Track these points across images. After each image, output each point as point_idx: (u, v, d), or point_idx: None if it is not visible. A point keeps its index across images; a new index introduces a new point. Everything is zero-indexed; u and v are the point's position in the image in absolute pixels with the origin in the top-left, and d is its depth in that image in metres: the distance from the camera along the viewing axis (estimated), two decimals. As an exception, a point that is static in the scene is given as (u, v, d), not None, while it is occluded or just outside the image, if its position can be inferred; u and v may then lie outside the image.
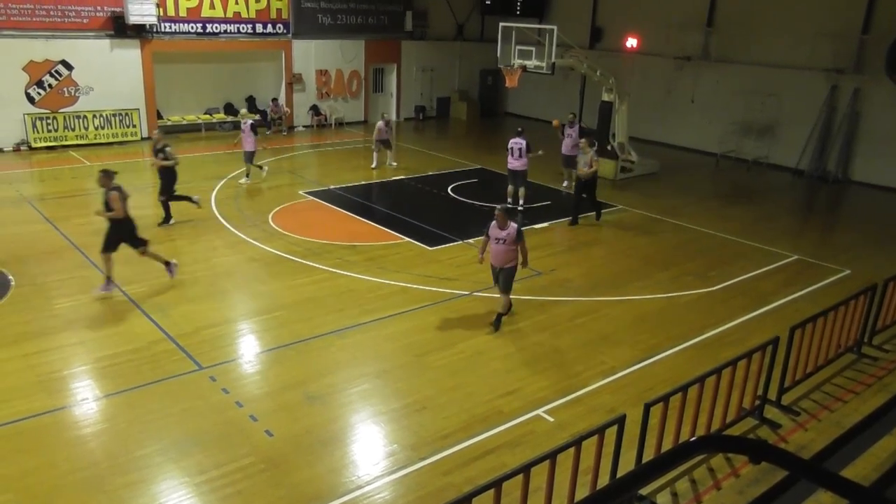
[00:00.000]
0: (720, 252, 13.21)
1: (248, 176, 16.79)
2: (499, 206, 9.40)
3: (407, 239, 13.19)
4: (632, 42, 22.53)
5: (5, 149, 18.99)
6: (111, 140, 20.42)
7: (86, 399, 7.70)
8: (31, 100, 19.23)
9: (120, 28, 19.88)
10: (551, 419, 7.54)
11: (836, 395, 8.00)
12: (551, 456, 5.17)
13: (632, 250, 13.16)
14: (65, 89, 19.66)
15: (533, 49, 17.47)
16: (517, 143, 14.86)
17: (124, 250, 10.43)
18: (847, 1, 18.60)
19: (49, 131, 19.50)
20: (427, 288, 10.96)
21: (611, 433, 5.69)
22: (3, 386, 7.78)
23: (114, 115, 20.44)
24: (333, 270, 11.48)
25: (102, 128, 20.34)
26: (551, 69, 17.42)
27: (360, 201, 15.69)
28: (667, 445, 6.25)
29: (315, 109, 24.62)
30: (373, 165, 18.76)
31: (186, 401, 7.66)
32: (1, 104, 18.63)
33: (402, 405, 7.75)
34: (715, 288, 11.38)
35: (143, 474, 6.47)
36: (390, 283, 11.11)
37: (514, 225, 9.19)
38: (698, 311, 10.51)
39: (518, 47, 17.61)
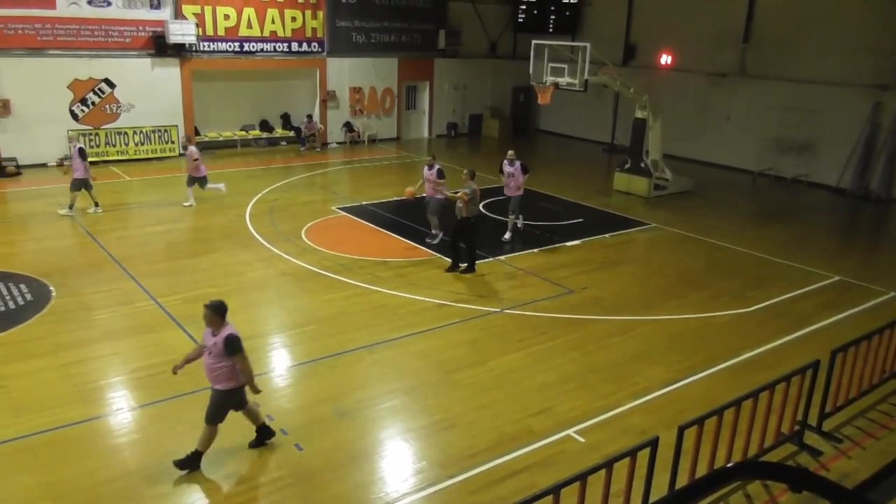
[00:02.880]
0: (757, 272, 12.97)
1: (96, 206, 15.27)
2: (207, 304, 6.57)
3: (437, 255, 13.20)
4: (666, 59, 22.40)
5: (50, 164, 19.51)
6: (150, 156, 20.88)
7: (121, 409, 7.82)
8: (74, 117, 19.78)
9: (161, 47, 20.39)
10: (582, 440, 7.44)
11: (882, 423, 7.77)
12: (582, 477, 5.09)
13: (665, 269, 12.99)
14: (107, 106, 20.19)
15: (565, 66, 17.49)
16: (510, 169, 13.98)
17: (163, 264, 10.60)
18: (890, 16, 18.26)
19: (91, 147, 19.99)
20: (457, 304, 10.94)
21: (643, 456, 5.58)
22: (41, 395, 7.94)
23: (153, 132, 20.91)
24: (365, 286, 11.53)
25: (142, 144, 20.82)
26: (584, 86, 17.39)
27: (392, 217, 15.77)
28: (701, 470, 6.12)
29: (348, 126, 24.90)
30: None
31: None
32: (46, 121, 19.18)
33: (431, 422, 7.71)
34: (751, 309, 11.16)
35: (176, 486, 6.53)
36: (421, 299, 11.12)
37: (228, 329, 6.54)
38: (734, 332, 10.31)
39: (550, 64, 17.63)
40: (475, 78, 27.54)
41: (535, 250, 13.74)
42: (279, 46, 22.68)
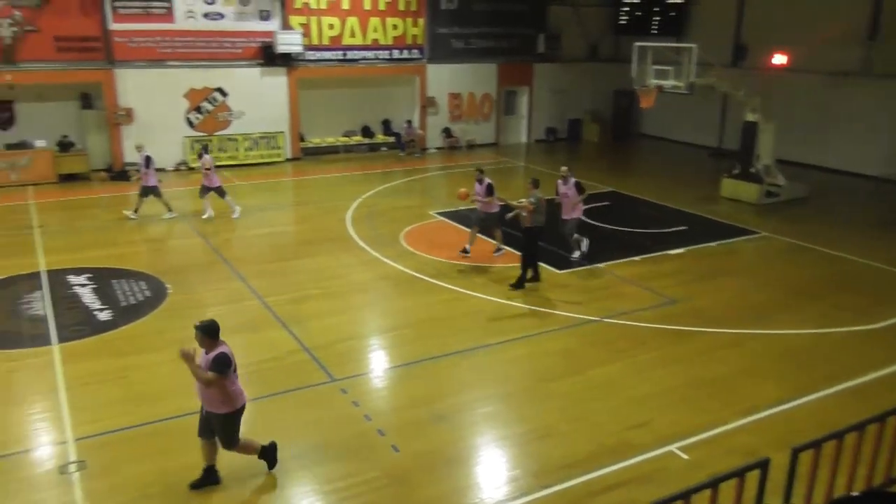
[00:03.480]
0: (881, 286, 12.07)
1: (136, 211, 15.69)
2: (197, 325, 6.33)
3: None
4: (780, 59, 21.28)
5: (168, 169, 20.76)
6: (258, 161, 21.82)
7: (228, 404, 8.17)
8: (190, 124, 20.96)
9: (269, 57, 21.28)
10: (685, 456, 7.13)
11: None
12: (685, 496, 4.86)
13: (776, 280, 12.30)
14: (220, 114, 21.27)
15: (670, 68, 16.94)
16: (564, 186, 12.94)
17: (269, 265, 10.99)
18: None
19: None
20: (554, 312, 10.79)
21: (752, 477, 5.28)
22: (158, 386, 8.41)
23: (261, 138, 21.85)
24: (462, 290, 11.56)
25: (251, 149, 21.79)
26: (689, 89, 16.79)
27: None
28: (818, 497, 5.72)
29: (447, 132, 25.12)
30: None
31: (319, 410, 7.93)
32: (165, 129, 20.42)
33: (526, 430, 7.62)
34: (875, 326, 10.39)
35: (277, 479, 6.75)
36: (517, 305, 11.04)
37: (222, 348, 6.35)
38: (855, 350, 9.62)
39: (654, 67, 17.13)
40: (575, 82, 27.14)
41: (636, 258, 13.35)
42: (381, 54, 23.19)
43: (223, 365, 6.17)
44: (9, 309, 10.53)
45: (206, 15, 20.28)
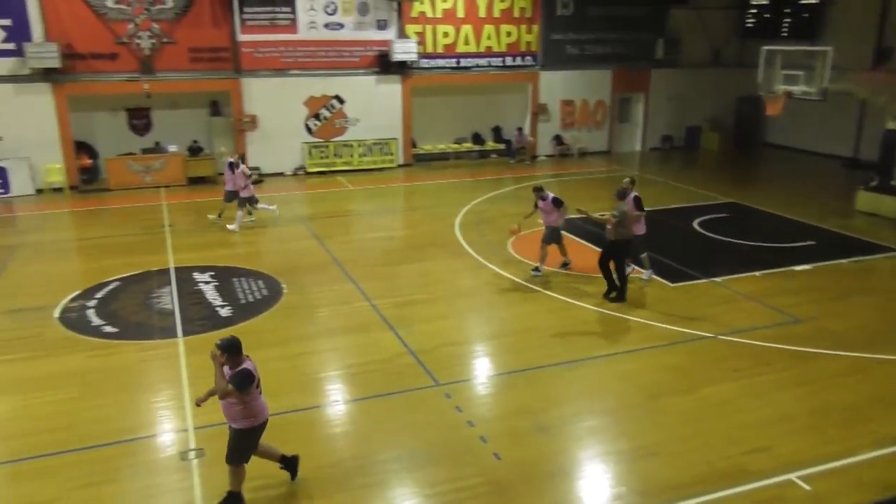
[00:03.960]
0: None
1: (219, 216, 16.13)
2: (218, 342, 6.15)
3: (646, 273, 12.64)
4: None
5: (286, 173, 21.75)
6: (371, 167, 22.42)
7: (337, 401, 8.42)
8: (309, 130, 21.85)
9: (385, 65, 21.85)
10: (807, 487, 6.65)
11: None
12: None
13: (917, 302, 11.29)
14: (336, 121, 22.04)
15: (801, 73, 15.95)
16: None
17: (379, 268, 11.24)
18: None
19: (321, 158, 21.97)
20: (666, 326, 10.38)
21: (886, 515, 4.85)
22: (272, 382, 8.73)
23: (375, 144, 22.45)
24: (568, 300, 11.36)
25: (365, 155, 22.43)
26: (822, 95, 15.75)
27: (600, 233, 15.38)
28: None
29: (558, 139, 24.84)
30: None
31: (423, 414, 8.01)
32: (285, 134, 21.40)
33: (632, 447, 7.36)
34: None
35: (381, 479, 6.87)
36: (626, 317, 10.71)
37: (246, 364, 6.19)
38: None
39: (783, 72, 16.19)
40: (695, 88, 26.12)
41: (758, 273, 12.63)
42: (494, 61, 23.27)
43: (245, 380, 6.03)
44: (141, 302, 11.34)
45: (326, 25, 21.09)
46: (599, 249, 13.96)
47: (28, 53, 18.04)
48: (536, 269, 12.47)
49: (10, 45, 18.24)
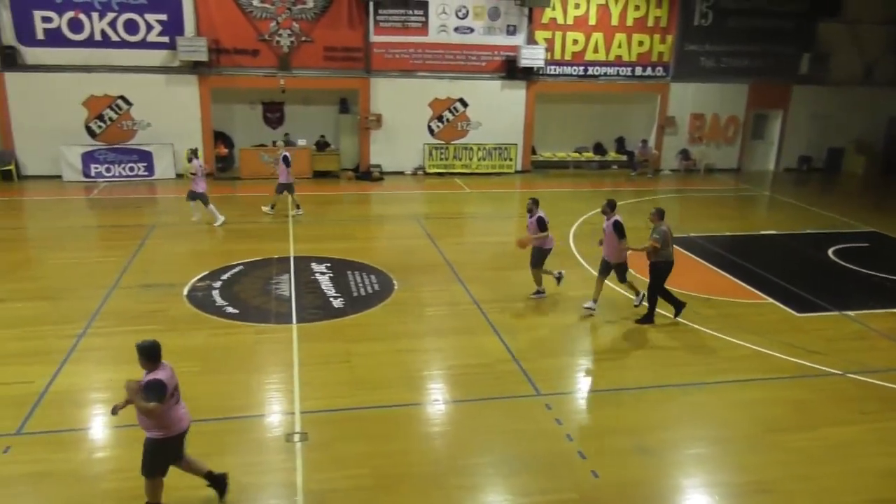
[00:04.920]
0: None
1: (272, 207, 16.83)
2: (137, 344, 5.96)
3: (771, 300, 11.92)
4: None
5: (406, 172, 22.21)
6: (489, 171, 22.49)
7: (437, 400, 8.47)
8: (431, 132, 22.21)
9: (511, 71, 21.86)
10: (941, 550, 6.02)
11: None
12: None
13: None
14: (459, 124, 22.27)
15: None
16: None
17: (488, 272, 11.22)
18: None
19: (441, 159, 22.28)
20: (788, 358, 9.72)
21: None
22: (377, 375, 8.96)
23: (495, 149, 22.50)
24: (683, 321, 10.89)
25: (484, 159, 22.52)
26: None
27: (722, 253, 14.68)
28: None
29: (684, 154, 23.92)
30: None
31: (521, 422, 7.91)
32: (408, 134, 21.87)
33: (743, 481, 6.93)
34: None
35: (476, 481, 6.84)
36: (746, 345, 10.12)
37: (158, 373, 5.84)
38: None
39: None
40: (841, 107, 24.32)
41: (898, 310, 11.61)
42: (623, 71, 22.74)
43: (153, 391, 5.69)
44: (262, 287, 11.90)
45: (457, 29, 21.37)
46: (720, 270, 13.38)
47: (179, 47, 19.46)
48: (538, 293, 11.75)
49: (165, 39, 19.73)
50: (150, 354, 5.84)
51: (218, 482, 6.40)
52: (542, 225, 11.31)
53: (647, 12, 22.31)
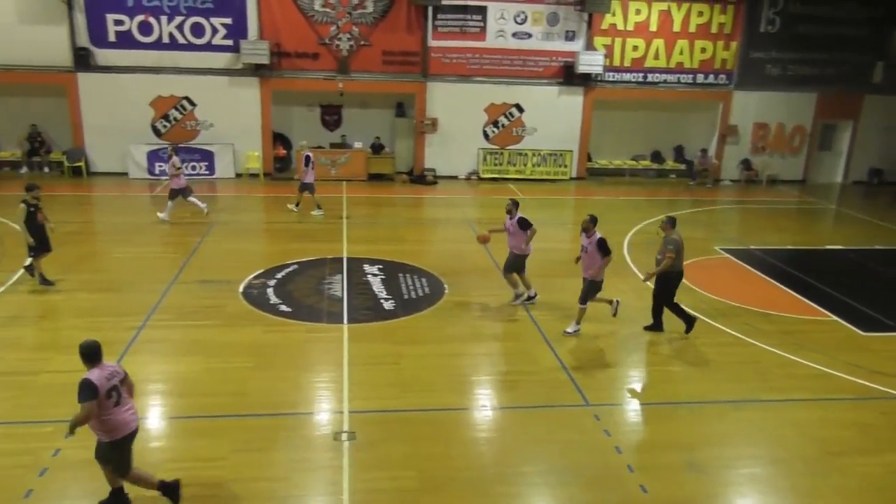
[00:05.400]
0: None
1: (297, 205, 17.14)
2: (80, 344, 5.95)
3: (834, 317, 11.48)
4: None
5: (460, 177, 22.24)
6: (544, 177, 22.33)
7: (485, 406, 8.42)
8: (486, 136, 22.19)
9: (569, 76, 21.67)
10: None
11: None
12: None
13: None
14: (514, 129, 22.19)
15: None
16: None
17: (539, 279, 11.12)
18: None
19: (495, 165, 22.24)
20: (852, 378, 9.33)
21: None
22: (425, 378, 8.97)
23: (550, 155, 22.33)
24: (740, 336, 10.58)
25: (538, 165, 22.38)
26: None
27: (783, 267, 14.22)
28: None
29: (746, 164, 23.28)
30: None
31: (569, 432, 7.80)
32: (463, 139, 21.90)
33: (800, 505, 6.68)
34: None
35: (521, 490, 6.78)
36: (806, 363, 9.76)
37: (89, 374, 5.78)
38: None
39: None
40: (917, 118, 23.32)
41: (973, 332, 11.03)
42: (683, 78, 22.29)
43: (81, 390, 5.64)
44: (314, 287, 12.07)
45: (514, 34, 21.30)
46: (781, 285, 12.98)
47: (243, 50, 19.94)
48: (517, 297, 11.64)
49: (229, 42, 20.26)
50: (85, 355, 5.84)
51: (170, 490, 6.31)
52: (524, 226, 11.21)
53: (711, 18, 21.81)
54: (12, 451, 7.02)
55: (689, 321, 10.57)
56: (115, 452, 6.00)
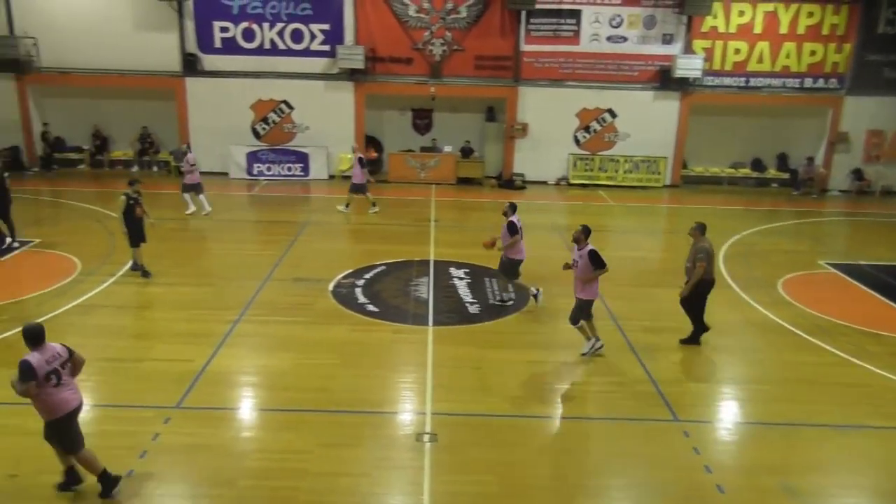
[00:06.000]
0: None
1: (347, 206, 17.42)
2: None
3: (954, 340, 10.62)
4: None
5: (549, 182, 22.00)
6: (635, 184, 21.78)
7: (568, 415, 8.27)
8: (577, 142, 21.88)
9: (665, 81, 21.05)
10: None
11: None
12: None
13: None
14: (606, 135, 21.76)
15: None
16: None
17: (629, 289, 10.82)
18: None
19: (586, 170, 21.88)
20: (974, 407, 8.59)
21: None
22: (509, 383, 8.89)
23: (643, 162, 21.76)
24: (845, 356, 9.94)
25: (630, 172, 21.85)
26: None
27: (892, 282, 13.28)
28: None
29: (857, 174, 21.93)
30: None
31: (655, 447, 7.55)
32: (553, 144, 21.68)
33: (910, 543, 6.19)
34: None
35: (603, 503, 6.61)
36: (920, 388, 9.07)
37: (28, 356, 5.94)
38: None
39: None
40: None
41: None
42: (789, 82, 21.24)
43: (20, 372, 5.86)
44: (401, 288, 12.21)
45: (609, 38, 20.91)
46: (894, 304, 12.19)
47: (339, 55, 20.48)
48: (503, 298, 11.73)
49: (326, 47, 20.87)
50: (28, 338, 6.02)
51: (107, 481, 6.40)
52: (511, 230, 11.07)
53: (823, 19, 20.69)
54: (116, 433, 7.44)
55: (699, 333, 10.15)
56: (58, 430, 6.19)
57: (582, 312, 9.59)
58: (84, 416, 6.54)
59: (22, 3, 20.40)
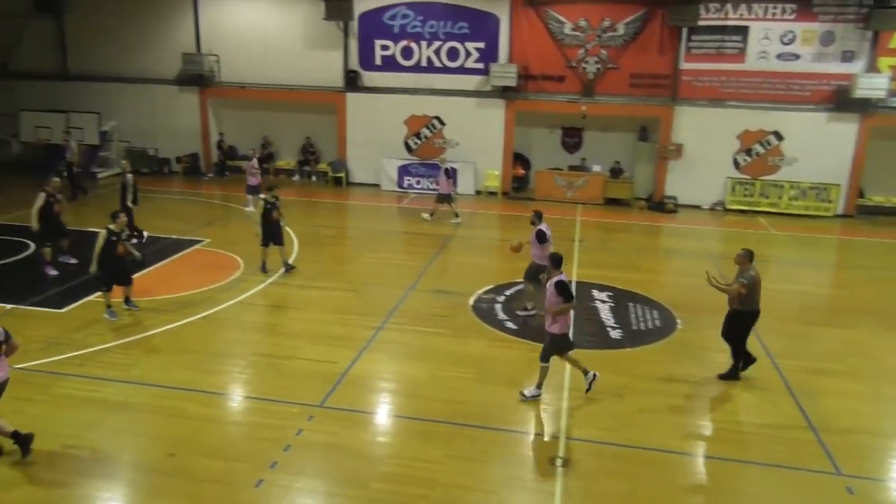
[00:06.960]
0: None
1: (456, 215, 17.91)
2: None
3: None
4: None
5: (703, 207, 20.91)
6: (802, 212, 20.17)
7: (712, 455, 7.74)
8: (736, 165, 20.64)
9: (842, 102, 19.39)
10: None
11: None
12: None
13: None
14: (770, 158, 20.37)
15: None
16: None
17: (790, 325, 10.01)
18: None
19: (745, 196, 20.58)
20: None
21: None
22: (649, 415, 8.47)
23: (811, 189, 20.13)
24: None
25: (796, 199, 20.29)
26: None
27: None
28: None
29: None
30: None
31: (811, 500, 6.87)
32: (709, 166, 20.56)
33: None
34: None
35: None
36: None
37: None
38: None
39: None
40: None
41: None
42: None
43: None
44: (541, 307, 12.03)
45: (779, 56, 19.61)
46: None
47: (492, 73, 20.72)
48: (524, 308, 11.65)
49: (480, 65, 21.20)
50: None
51: (22, 441, 7.09)
52: (540, 238, 11.25)
53: None
54: (264, 425, 7.89)
55: (739, 367, 9.45)
56: None
57: (554, 347, 8.73)
58: (237, 407, 6.98)
59: (208, 24, 22.52)
